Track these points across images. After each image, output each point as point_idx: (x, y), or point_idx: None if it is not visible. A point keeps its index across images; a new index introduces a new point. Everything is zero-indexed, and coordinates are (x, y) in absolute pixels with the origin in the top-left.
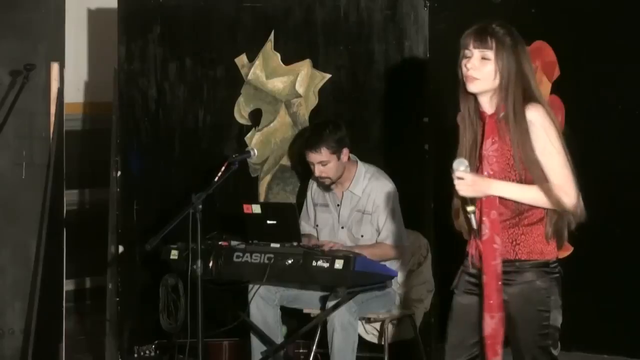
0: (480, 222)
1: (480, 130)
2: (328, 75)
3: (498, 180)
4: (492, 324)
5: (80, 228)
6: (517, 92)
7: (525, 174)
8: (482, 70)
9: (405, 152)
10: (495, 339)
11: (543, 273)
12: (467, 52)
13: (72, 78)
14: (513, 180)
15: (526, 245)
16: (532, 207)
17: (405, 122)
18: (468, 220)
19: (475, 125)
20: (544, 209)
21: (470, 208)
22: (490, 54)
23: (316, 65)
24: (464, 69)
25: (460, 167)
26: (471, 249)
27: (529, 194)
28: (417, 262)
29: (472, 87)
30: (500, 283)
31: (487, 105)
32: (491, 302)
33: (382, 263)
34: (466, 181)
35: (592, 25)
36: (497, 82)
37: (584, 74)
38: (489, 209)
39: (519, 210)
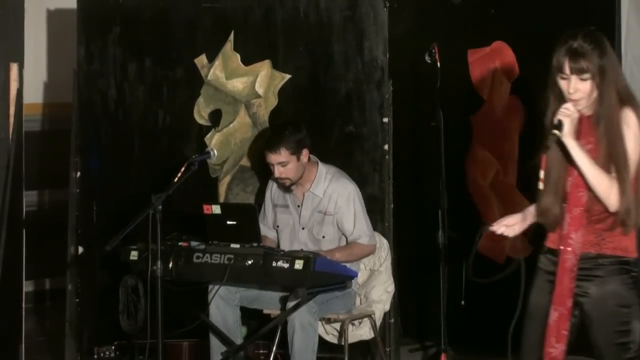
0: (562, 219)
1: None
2: (288, 76)
3: (580, 147)
4: (555, 316)
5: (39, 229)
6: (612, 96)
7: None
8: (582, 90)
9: (365, 152)
10: (553, 332)
11: (624, 270)
12: (564, 75)
13: (31, 79)
14: None
15: (612, 240)
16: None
17: (365, 123)
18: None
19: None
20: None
21: (555, 131)
22: (586, 75)
23: (276, 66)
24: (565, 92)
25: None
26: (551, 243)
27: (595, 171)
28: (378, 263)
29: (577, 106)
30: (571, 278)
31: (586, 108)
32: (558, 295)
33: (343, 264)
34: (571, 112)
35: (551, 26)
36: (595, 93)
37: (543, 74)
38: (572, 206)
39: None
